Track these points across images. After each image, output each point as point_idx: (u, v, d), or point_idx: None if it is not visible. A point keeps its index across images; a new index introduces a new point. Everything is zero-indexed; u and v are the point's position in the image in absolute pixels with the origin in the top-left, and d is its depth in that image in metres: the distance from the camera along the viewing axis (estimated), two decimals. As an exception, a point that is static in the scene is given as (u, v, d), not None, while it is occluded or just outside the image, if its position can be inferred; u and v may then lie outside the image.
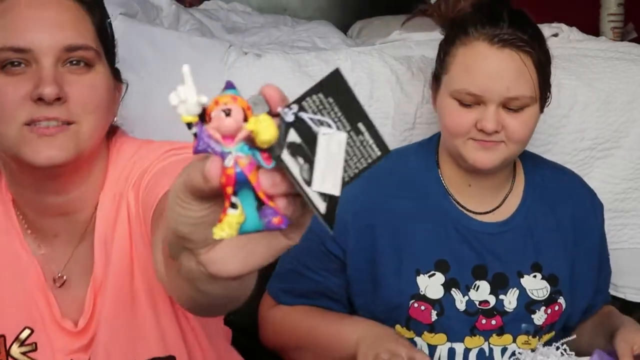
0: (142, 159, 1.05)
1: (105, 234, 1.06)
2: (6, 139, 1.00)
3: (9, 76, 0.99)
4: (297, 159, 0.51)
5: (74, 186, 1.06)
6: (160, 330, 1.08)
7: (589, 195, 1.47)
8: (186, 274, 0.62)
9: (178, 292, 0.72)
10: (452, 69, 1.30)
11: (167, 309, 1.08)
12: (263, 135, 0.50)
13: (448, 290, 1.32)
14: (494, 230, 1.37)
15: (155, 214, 0.91)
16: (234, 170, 0.51)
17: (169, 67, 1.56)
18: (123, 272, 1.06)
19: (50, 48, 0.99)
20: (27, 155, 0.99)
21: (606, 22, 2.18)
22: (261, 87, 0.53)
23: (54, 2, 1.02)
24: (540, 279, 1.35)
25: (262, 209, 0.52)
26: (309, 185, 0.51)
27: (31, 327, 1.07)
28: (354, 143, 0.53)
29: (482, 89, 1.26)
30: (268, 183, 0.51)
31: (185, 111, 0.51)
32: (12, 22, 1.00)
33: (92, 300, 1.07)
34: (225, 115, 0.51)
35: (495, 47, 1.25)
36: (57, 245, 1.10)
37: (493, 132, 1.26)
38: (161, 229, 0.77)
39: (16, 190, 1.09)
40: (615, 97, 1.66)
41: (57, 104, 0.98)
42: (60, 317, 1.08)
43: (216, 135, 0.51)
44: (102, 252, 1.06)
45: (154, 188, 0.96)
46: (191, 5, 2.54)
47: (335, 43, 2.01)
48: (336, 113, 0.53)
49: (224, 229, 0.52)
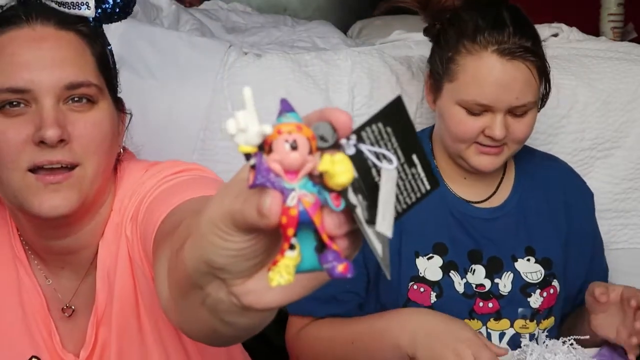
0: (139, 189, 1.01)
1: (109, 266, 1.03)
2: (10, 187, 0.96)
3: (8, 118, 0.94)
4: (357, 196, 0.47)
5: (79, 229, 1.03)
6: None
7: (579, 182, 1.49)
8: (213, 304, 0.56)
9: (195, 324, 0.64)
10: (459, 78, 1.30)
11: (173, 341, 1.06)
12: (339, 179, 0.45)
13: (447, 273, 1.34)
14: (488, 216, 1.39)
15: (156, 242, 0.86)
16: (297, 209, 0.45)
17: (169, 67, 1.57)
18: (128, 305, 1.03)
19: (51, 87, 0.94)
20: (32, 207, 0.95)
21: (606, 22, 2.18)
22: (325, 109, 0.47)
23: (53, 37, 0.97)
24: (534, 263, 1.37)
25: (323, 252, 0.47)
26: (369, 225, 0.47)
27: (38, 357, 1.05)
28: (405, 176, 0.49)
29: (492, 100, 1.28)
30: (334, 224, 0.47)
31: (244, 141, 0.45)
32: (9, 61, 0.95)
33: (94, 331, 1.05)
34: (291, 149, 0.45)
35: (505, 59, 1.27)
36: (63, 277, 1.07)
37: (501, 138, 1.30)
38: (165, 258, 0.73)
39: (19, 226, 1.06)
40: (615, 97, 1.66)
41: (60, 146, 0.94)
42: (62, 349, 1.06)
43: (278, 169, 0.45)
44: (104, 284, 1.04)
45: (152, 217, 0.92)
46: (191, 5, 2.54)
47: (335, 43, 2.01)
48: (392, 144, 0.48)
49: (282, 275, 0.46)
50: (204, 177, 0.99)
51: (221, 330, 0.61)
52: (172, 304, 0.68)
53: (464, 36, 1.30)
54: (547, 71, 1.34)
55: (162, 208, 0.89)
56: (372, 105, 1.60)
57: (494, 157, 1.32)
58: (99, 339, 1.05)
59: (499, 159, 1.33)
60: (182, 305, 0.64)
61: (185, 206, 0.85)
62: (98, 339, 1.05)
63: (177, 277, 0.63)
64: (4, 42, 0.97)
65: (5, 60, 0.95)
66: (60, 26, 0.98)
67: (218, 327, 0.60)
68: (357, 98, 1.59)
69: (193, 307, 0.60)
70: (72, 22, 0.99)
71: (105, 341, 1.05)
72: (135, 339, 1.04)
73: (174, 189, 0.94)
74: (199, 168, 1.03)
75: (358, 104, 1.59)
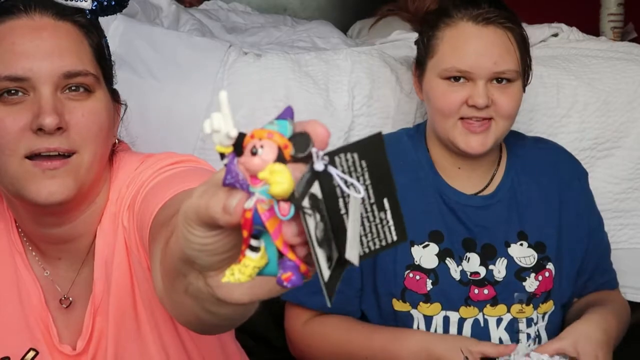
0: (136, 179, 1.02)
1: (106, 255, 1.04)
2: (8, 174, 0.97)
3: (7, 106, 0.96)
4: (314, 214, 0.46)
5: (76, 216, 1.04)
6: (165, 351, 1.07)
7: (572, 162, 1.50)
8: (194, 292, 0.59)
9: (182, 310, 0.68)
10: (439, 50, 1.35)
11: (169, 329, 1.07)
12: (275, 188, 0.46)
13: (442, 260, 1.35)
14: (480, 204, 1.40)
15: (152, 232, 0.87)
16: (252, 213, 0.47)
17: (168, 67, 1.57)
18: (124, 294, 1.04)
19: (49, 76, 0.96)
20: (29, 193, 0.96)
21: (606, 22, 2.18)
22: (308, 121, 0.48)
23: (51, 27, 0.98)
24: (527, 247, 1.38)
25: (282, 259, 0.48)
26: (320, 247, 0.47)
27: (36, 349, 1.06)
28: (373, 219, 0.49)
29: (471, 66, 1.31)
30: (291, 232, 0.47)
31: (218, 141, 0.48)
32: (8, 50, 0.96)
33: (91, 320, 1.06)
34: (252, 154, 0.47)
35: (480, 25, 1.32)
36: (60, 268, 1.08)
37: (484, 107, 1.31)
38: (159, 248, 0.74)
39: (17, 216, 1.07)
40: (615, 97, 1.66)
41: (57, 133, 0.95)
42: (58, 341, 1.07)
43: (243, 171, 0.47)
44: (102, 273, 1.04)
45: (148, 206, 0.93)
46: (191, 5, 2.54)
47: (335, 43, 2.01)
48: (365, 179, 0.48)
49: (235, 274, 0.48)
50: (200, 169, 1.00)
51: (204, 318, 0.64)
52: (165, 293, 0.70)
53: (442, 14, 1.36)
54: (526, 42, 1.37)
55: (157, 199, 0.90)
56: (372, 105, 1.60)
57: (480, 136, 1.33)
58: (95, 329, 1.06)
59: (487, 138, 1.33)
60: (172, 293, 0.67)
61: (180, 197, 0.87)
62: (95, 329, 1.06)
63: (166, 265, 0.66)
64: (4, 32, 0.98)
65: (5, 49, 0.97)
66: (58, 17, 1.00)
67: (201, 315, 0.63)
68: (357, 98, 1.59)
69: (179, 294, 0.63)
70: (70, 13, 1.01)
71: (102, 331, 1.06)
72: (132, 328, 1.05)
73: (170, 180, 0.95)
74: (195, 159, 1.04)
75: (358, 104, 1.59)
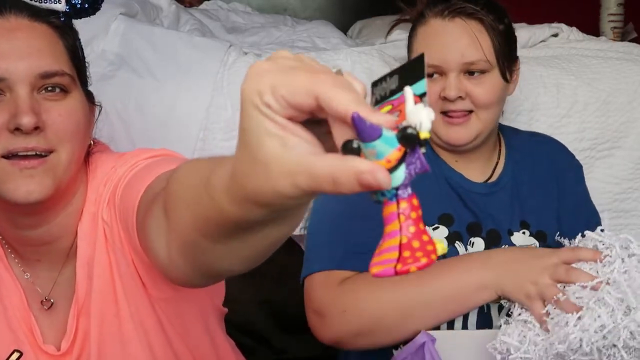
0: (113, 176, 1.03)
1: (88, 255, 1.05)
2: None
3: None
4: None
5: (53, 217, 1.04)
6: (149, 347, 1.07)
7: (566, 153, 1.50)
8: (253, 199, 0.56)
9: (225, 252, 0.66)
10: (415, 48, 1.39)
11: (154, 324, 1.07)
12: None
13: (452, 243, 1.35)
14: (484, 191, 1.41)
15: (140, 214, 0.88)
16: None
17: (169, 67, 1.57)
18: (106, 293, 1.04)
19: (26, 76, 0.96)
20: (7, 192, 0.96)
21: (606, 22, 2.18)
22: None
23: (26, 28, 0.99)
24: (529, 236, 1.39)
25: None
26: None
27: (20, 350, 1.06)
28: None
29: (440, 59, 1.33)
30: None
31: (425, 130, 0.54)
32: None
33: (75, 321, 1.06)
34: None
35: (446, 19, 1.35)
36: (40, 270, 1.08)
37: (457, 99, 1.33)
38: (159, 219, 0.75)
39: None
40: (615, 97, 1.66)
41: (34, 133, 0.96)
42: (42, 342, 1.07)
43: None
44: (84, 273, 1.05)
45: (130, 195, 0.94)
46: (191, 5, 2.54)
47: (335, 43, 2.01)
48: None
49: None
50: (175, 158, 1.01)
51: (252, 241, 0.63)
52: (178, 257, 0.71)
53: (418, 14, 1.40)
54: (508, 32, 1.38)
55: (139, 186, 0.91)
56: (372, 105, 1.60)
57: (461, 127, 1.34)
58: (79, 330, 1.06)
59: (468, 130, 1.34)
60: (203, 247, 0.66)
61: (162, 176, 0.87)
62: (79, 329, 1.06)
63: (195, 224, 0.65)
64: None
65: None
66: (33, 18, 1.01)
67: (249, 239, 0.62)
68: (357, 98, 1.59)
69: (221, 238, 0.63)
70: (45, 15, 1.02)
71: (85, 331, 1.06)
72: (114, 327, 1.05)
73: (147, 168, 0.96)
74: (170, 152, 1.05)
75: (358, 104, 1.59)
